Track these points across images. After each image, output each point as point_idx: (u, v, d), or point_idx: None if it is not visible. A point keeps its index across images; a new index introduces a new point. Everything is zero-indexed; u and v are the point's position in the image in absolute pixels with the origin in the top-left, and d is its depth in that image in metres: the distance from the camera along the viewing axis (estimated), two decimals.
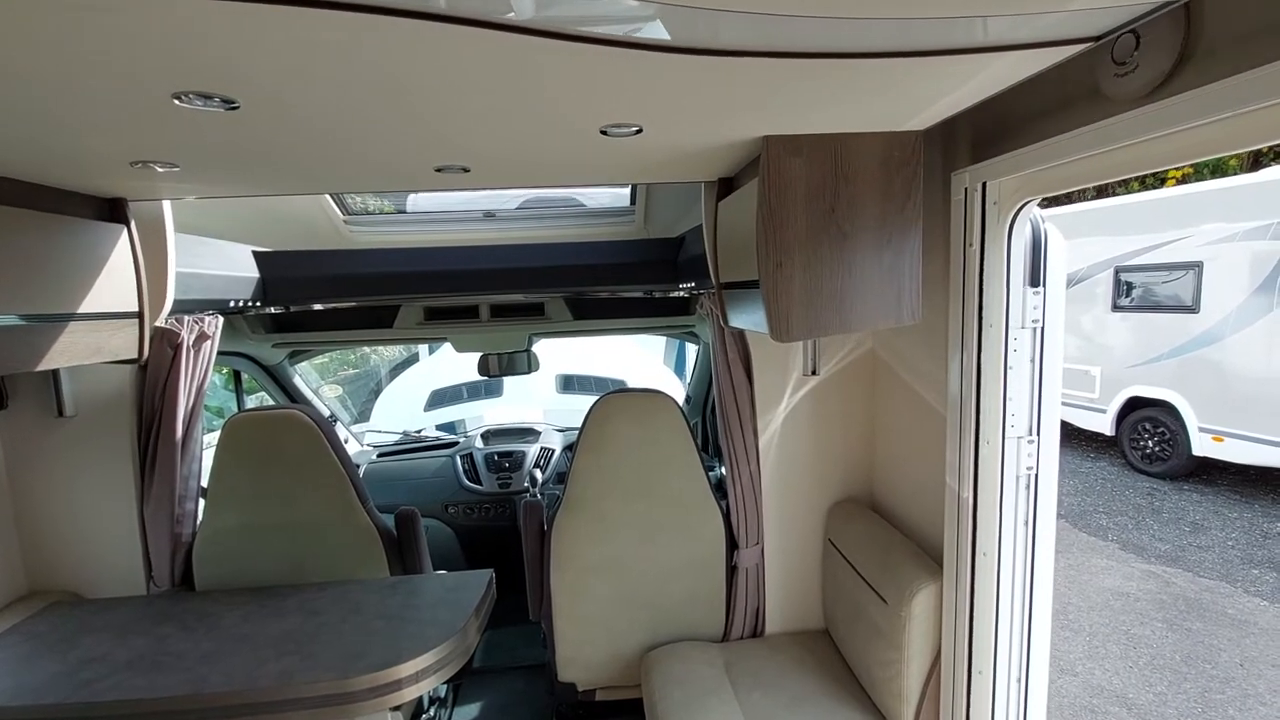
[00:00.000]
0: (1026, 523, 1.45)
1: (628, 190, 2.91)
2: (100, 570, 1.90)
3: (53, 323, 1.37)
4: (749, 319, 1.56)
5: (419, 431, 3.96)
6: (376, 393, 4.96)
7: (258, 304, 2.21)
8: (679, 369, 6.57)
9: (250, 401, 3.33)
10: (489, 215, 2.77)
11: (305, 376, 3.29)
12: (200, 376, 1.93)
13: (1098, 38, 0.95)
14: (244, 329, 2.64)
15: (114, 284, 1.54)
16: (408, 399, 4.65)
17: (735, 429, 1.97)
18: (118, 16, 0.69)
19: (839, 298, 1.33)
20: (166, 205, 1.68)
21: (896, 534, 1.80)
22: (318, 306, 2.42)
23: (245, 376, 3.06)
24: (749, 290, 1.48)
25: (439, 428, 4.23)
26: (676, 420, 2.01)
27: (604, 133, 1.18)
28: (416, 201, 2.96)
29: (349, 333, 2.74)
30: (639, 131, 1.19)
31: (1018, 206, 1.30)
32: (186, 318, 1.85)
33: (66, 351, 1.39)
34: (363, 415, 4.60)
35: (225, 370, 2.97)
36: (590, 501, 2.01)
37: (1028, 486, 1.44)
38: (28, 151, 1.17)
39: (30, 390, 1.82)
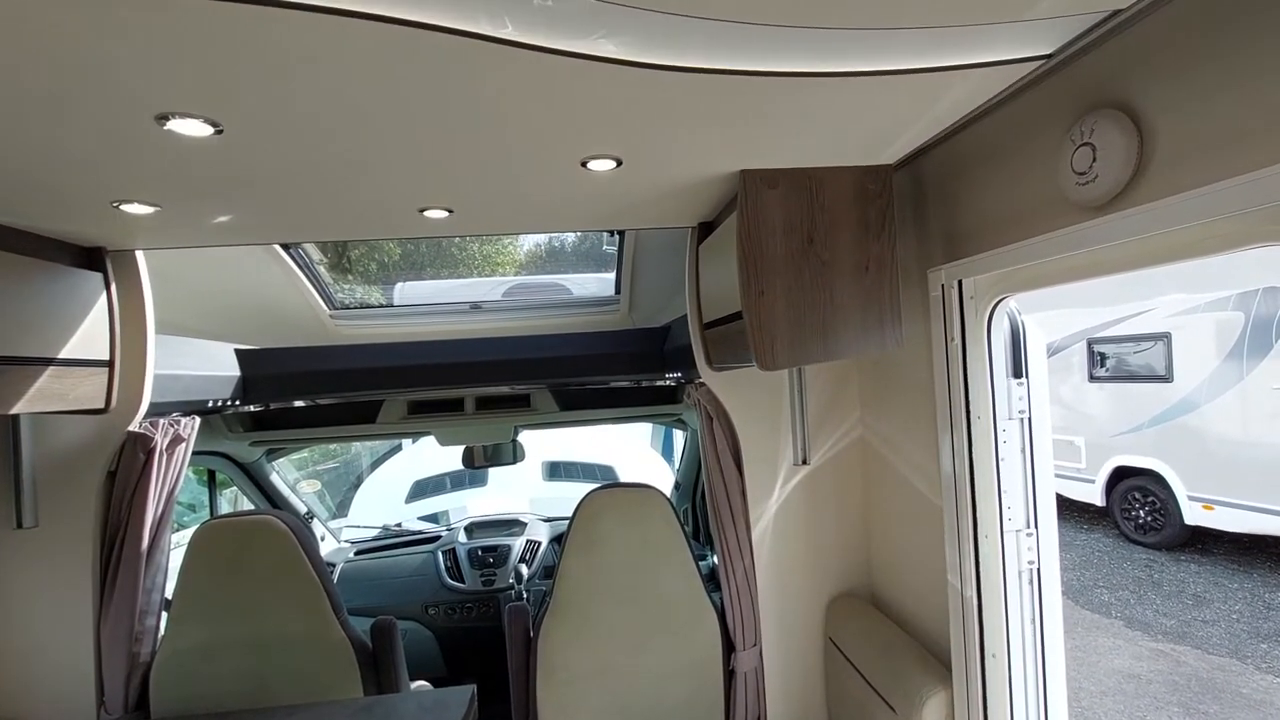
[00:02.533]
0: (1033, 620, 1.40)
1: (612, 278, 2.98)
2: (48, 696, 1.75)
3: (19, 365, 1.35)
4: (734, 354, 1.58)
5: (399, 525, 3.83)
6: (358, 484, 4.84)
7: (236, 402, 2.16)
8: (666, 452, 6.50)
9: (223, 499, 3.21)
10: (475, 306, 2.79)
11: (283, 471, 3.20)
12: (172, 482, 1.86)
13: (1050, 55, 1.00)
14: (221, 427, 2.58)
15: (86, 332, 1.54)
16: (389, 491, 4.52)
17: (727, 522, 1.92)
18: (105, 28, 0.71)
19: (822, 325, 1.38)
20: (141, 256, 1.73)
21: (900, 633, 1.72)
22: (299, 403, 2.38)
23: (220, 475, 2.96)
24: (733, 323, 1.51)
25: (421, 519, 4.09)
26: (668, 517, 1.95)
27: (584, 165, 1.23)
28: (404, 292, 2.99)
29: (330, 429, 2.68)
30: (619, 164, 1.23)
31: (994, 302, 1.33)
32: (162, 420, 1.80)
33: (30, 397, 1.37)
34: (341, 508, 4.45)
35: (199, 470, 2.88)
36: (579, 605, 1.92)
37: (1030, 582, 1.40)
38: (7, 191, 1.19)
39: None
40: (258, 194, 1.32)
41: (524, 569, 3.05)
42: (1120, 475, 7.02)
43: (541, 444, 4.51)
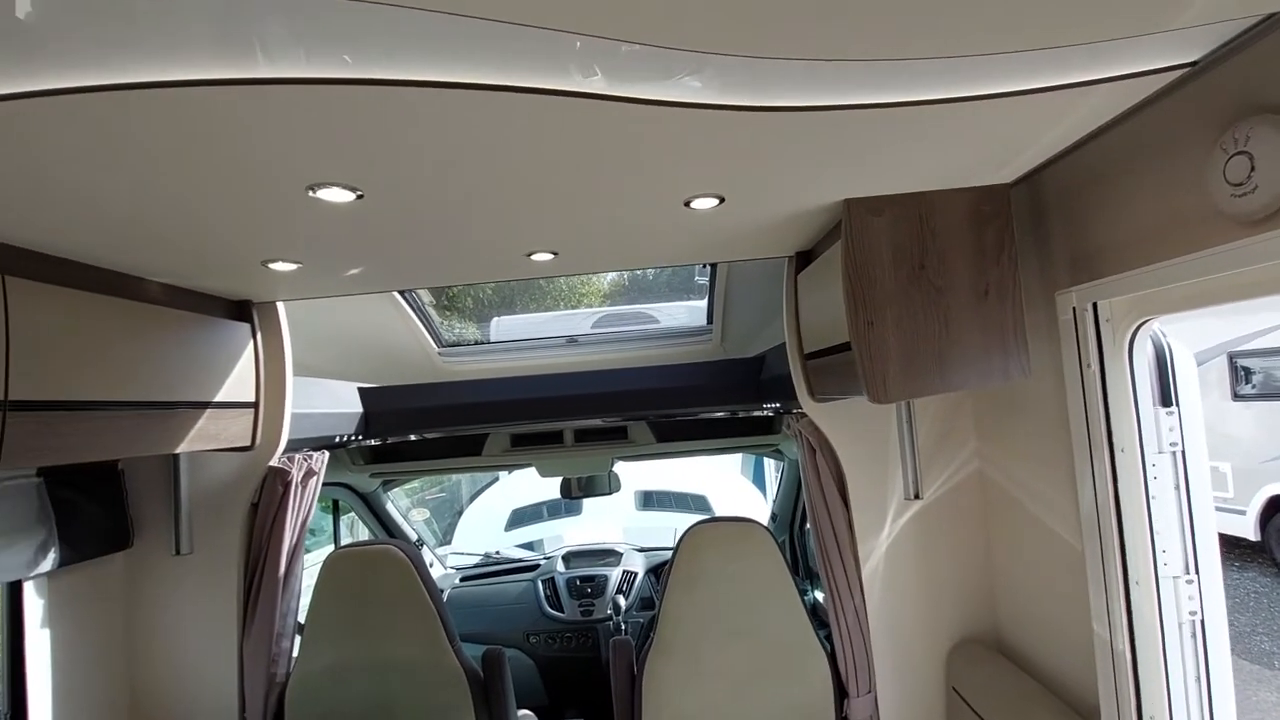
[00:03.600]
0: (1198, 679, 1.25)
1: (699, 305, 2.99)
2: (197, 709, 1.91)
3: (183, 409, 1.51)
4: (839, 385, 1.53)
5: (498, 553, 3.95)
6: (459, 513, 5.05)
7: (359, 437, 2.32)
8: (757, 479, 6.37)
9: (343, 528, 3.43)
10: (571, 340, 2.87)
11: (396, 500, 3.38)
12: (305, 512, 2.01)
13: (1195, 62, 0.92)
14: (345, 460, 2.77)
15: (236, 377, 1.71)
16: (489, 519, 4.68)
17: (835, 558, 1.85)
18: (267, 112, 0.80)
19: (938, 355, 1.31)
20: (281, 307, 1.90)
21: (1036, 685, 1.58)
22: (413, 437, 2.52)
23: (342, 505, 3.18)
24: (838, 355, 1.46)
25: (520, 547, 4.20)
26: (771, 552, 1.91)
27: (687, 205, 1.25)
28: (499, 328, 3.12)
29: (441, 461, 2.82)
30: (721, 202, 1.24)
31: (1135, 325, 1.23)
32: (296, 455, 1.95)
33: (191, 437, 1.54)
34: (446, 535, 4.65)
35: (324, 500, 3.10)
36: (683, 644, 1.89)
37: (1194, 635, 1.25)
38: (175, 257, 1.35)
39: (152, 529, 1.93)
40: (386, 248, 1.43)
41: (621, 600, 3.05)
42: (1277, 506, 6.21)
43: (633, 473, 4.54)
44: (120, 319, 1.38)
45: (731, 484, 5.19)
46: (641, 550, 3.55)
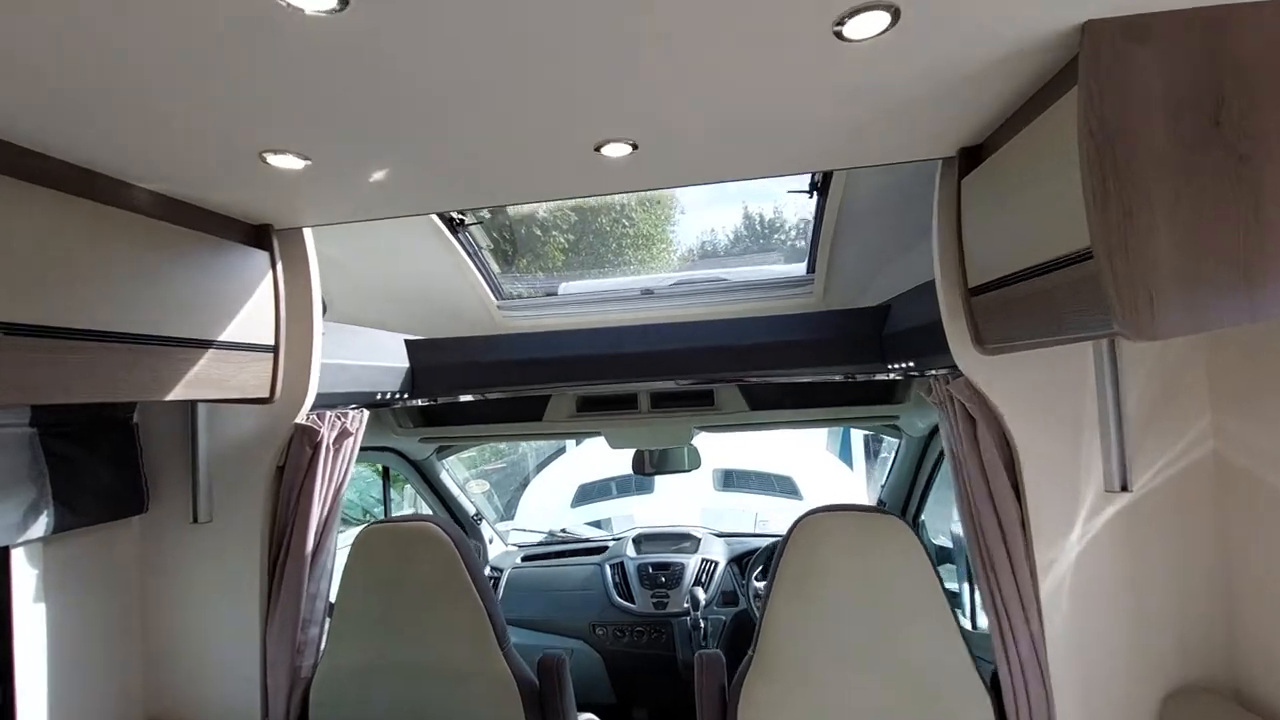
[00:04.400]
0: None
1: (789, 270, 2.52)
2: (217, 701, 1.66)
3: (184, 348, 1.25)
4: (1038, 324, 1.06)
5: (564, 531, 3.64)
6: (524, 486, 4.79)
7: (404, 396, 2.01)
8: (844, 455, 5.81)
9: (404, 499, 3.19)
10: (648, 292, 2.46)
11: (453, 470, 3.11)
12: (339, 479, 1.71)
13: None
14: (390, 422, 2.48)
15: (249, 315, 1.43)
16: (554, 494, 4.39)
17: (1001, 568, 1.37)
18: None
19: (1242, 260, 0.82)
20: (309, 236, 1.59)
21: None
22: (467, 398, 2.19)
23: (394, 473, 2.92)
24: (1043, 278, 1.00)
25: (587, 525, 3.88)
26: (916, 556, 1.44)
27: (839, 29, 0.80)
28: (567, 291, 2.74)
29: (498, 426, 2.49)
30: (895, 21, 0.81)
31: None
32: (329, 413, 1.65)
33: (189, 381, 1.27)
34: (509, 510, 4.39)
35: (373, 466, 2.84)
36: (793, 667, 1.47)
37: None
38: (149, 146, 1.09)
39: (170, 493, 1.68)
40: (409, 133, 1.08)
41: (700, 594, 2.65)
42: None
43: (710, 449, 4.12)
44: (114, 232, 1.14)
45: (822, 464, 4.68)
46: (721, 536, 3.13)
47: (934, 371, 1.59)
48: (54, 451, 1.48)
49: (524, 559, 3.20)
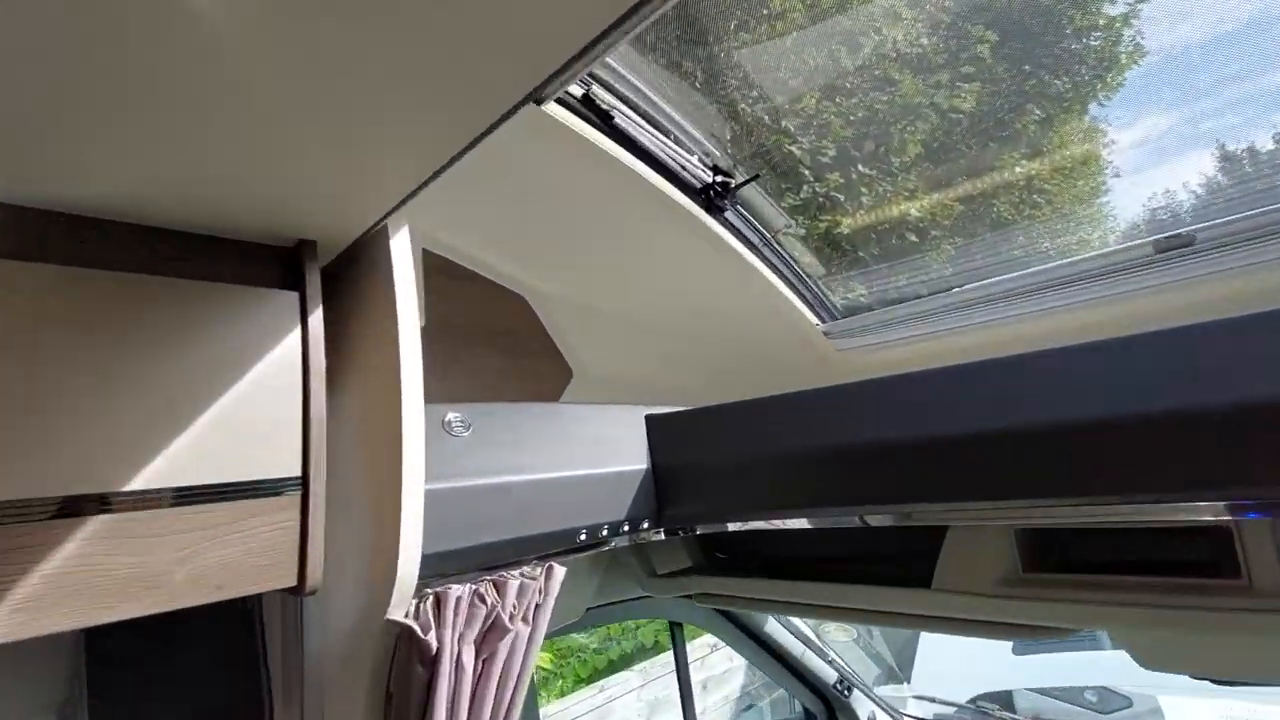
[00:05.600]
0: None
1: None
2: None
3: (151, 511, 0.65)
4: None
5: (1006, 697, 2.15)
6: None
7: (641, 525, 1.04)
8: None
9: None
10: (1173, 244, 1.06)
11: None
12: (506, 698, 0.84)
13: None
14: (635, 566, 1.47)
15: (255, 420, 0.74)
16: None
17: None
18: None
19: None
20: (404, 245, 0.84)
21: None
22: (763, 525, 1.10)
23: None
24: None
25: (1039, 693, 2.30)
26: None
27: None
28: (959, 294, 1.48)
29: (831, 590, 1.24)
30: None
31: None
32: (464, 589, 0.80)
33: (155, 583, 0.64)
34: (902, 669, 2.94)
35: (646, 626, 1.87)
36: None
37: None
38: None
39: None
40: None
41: None
42: None
43: None
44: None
45: None
46: None
47: None
48: (112, 655, 0.93)
49: None
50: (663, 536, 1.10)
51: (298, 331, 0.76)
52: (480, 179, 1.18)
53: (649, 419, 1.11)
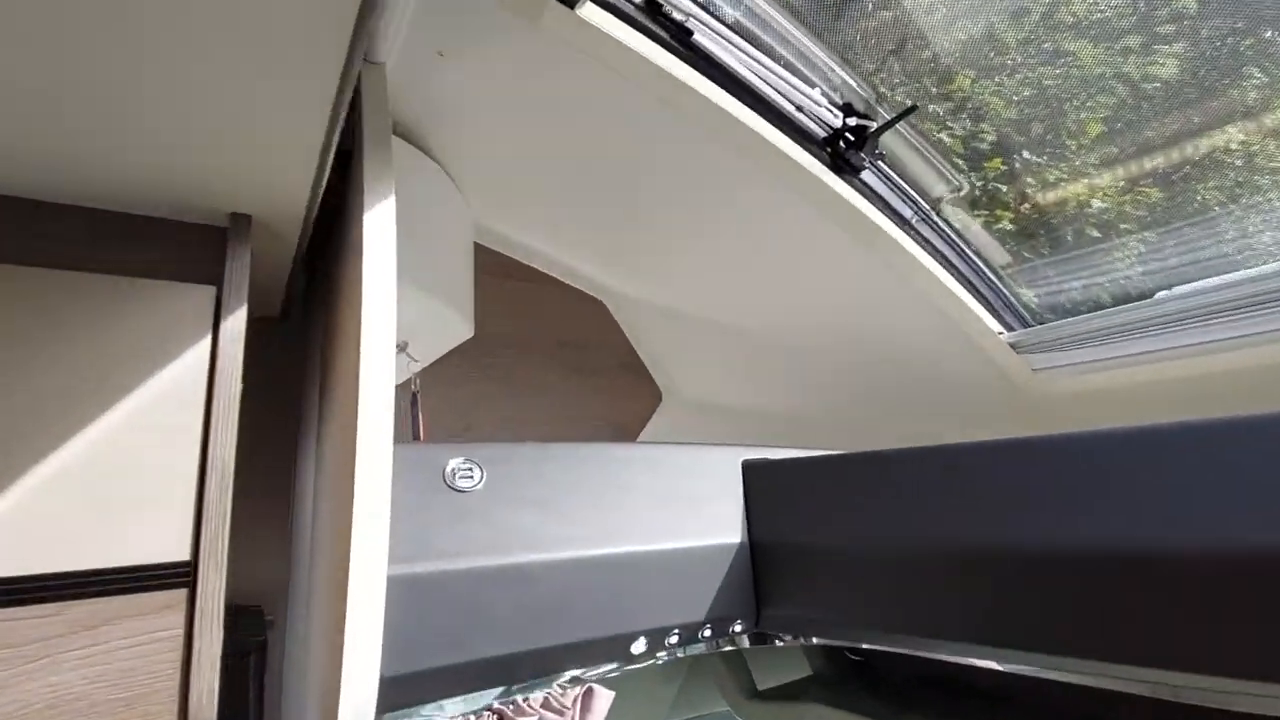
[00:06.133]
0: None
1: None
2: None
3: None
4: None
5: None
6: None
7: (733, 629, 0.70)
8: None
9: None
10: None
11: None
12: None
13: None
14: (720, 669, 1.06)
15: (130, 476, 0.51)
16: None
17: None
18: None
19: None
20: (382, 219, 0.60)
21: None
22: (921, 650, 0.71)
23: None
24: None
25: None
26: None
27: None
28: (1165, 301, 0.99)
29: None
30: None
31: None
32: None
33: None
34: None
35: None
36: None
37: None
38: None
39: None
40: None
41: None
42: None
43: None
44: None
45: None
46: None
47: None
48: None
49: None
50: (762, 644, 0.75)
51: (207, 340, 0.54)
52: (540, 152, 0.92)
53: (747, 467, 0.77)
